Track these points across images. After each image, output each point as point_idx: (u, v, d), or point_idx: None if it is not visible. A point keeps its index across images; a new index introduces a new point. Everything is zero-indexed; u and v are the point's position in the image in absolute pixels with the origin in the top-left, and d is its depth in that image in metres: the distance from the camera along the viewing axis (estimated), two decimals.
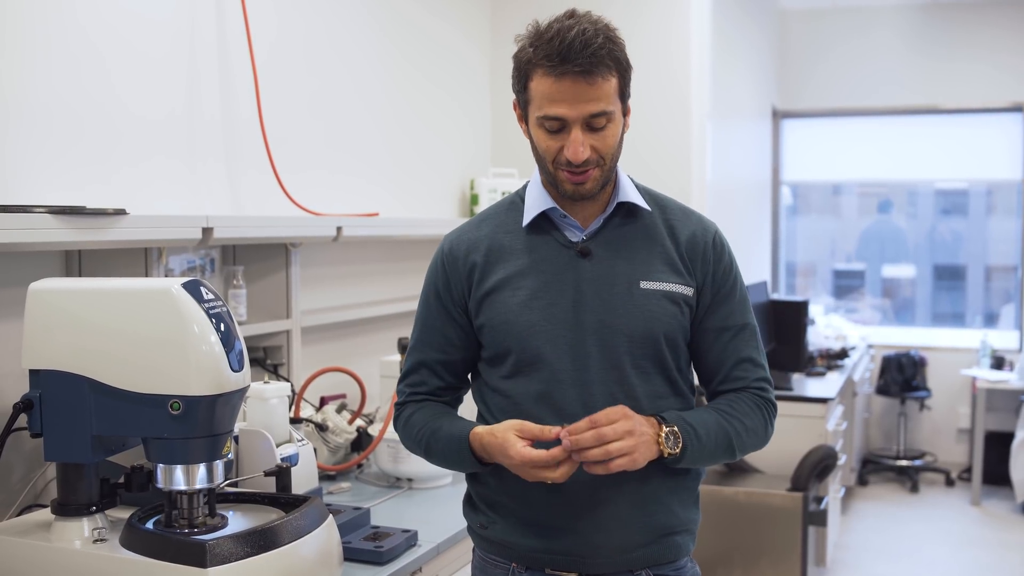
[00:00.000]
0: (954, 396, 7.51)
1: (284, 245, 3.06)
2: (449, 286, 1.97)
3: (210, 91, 2.94)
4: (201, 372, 1.83)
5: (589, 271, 1.89)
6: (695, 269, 1.93)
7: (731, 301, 1.96)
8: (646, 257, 1.91)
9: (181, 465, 1.89)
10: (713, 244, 1.96)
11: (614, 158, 1.87)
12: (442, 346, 1.98)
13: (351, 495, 2.78)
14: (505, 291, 1.90)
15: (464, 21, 4.47)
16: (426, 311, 2.01)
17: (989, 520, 6.33)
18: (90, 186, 2.53)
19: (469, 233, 2.00)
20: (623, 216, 1.94)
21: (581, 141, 1.80)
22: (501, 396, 1.93)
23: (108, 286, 1.93)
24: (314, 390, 3.13)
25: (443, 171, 4.32)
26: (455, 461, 1.92)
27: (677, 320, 1.90)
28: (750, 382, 1.95)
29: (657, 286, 1.89)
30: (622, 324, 1.87)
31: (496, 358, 1.93)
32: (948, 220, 8.18)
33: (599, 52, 1.77)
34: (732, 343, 1.95)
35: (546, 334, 1.87)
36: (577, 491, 1.86)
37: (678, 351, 1.92)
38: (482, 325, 1.93)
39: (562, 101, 1.79)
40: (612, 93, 1.81)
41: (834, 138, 8.11)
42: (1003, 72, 7.41)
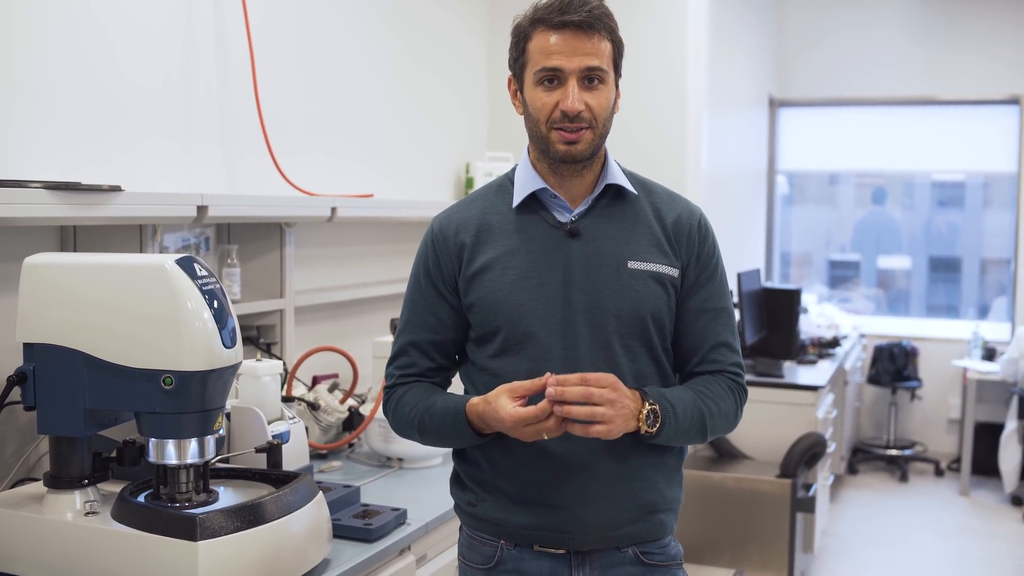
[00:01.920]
0: (945, 387, 7.54)
1: (279, 225, 3.07)
2: (439, 264, 1.98)
3: (207, 72, 2.95)
4: (194, 348, 1.85)
5: (578, 251, 1.92)
6: (680, 250, 1.96)
7: (712, 283, 1.99)
8: (633, 238, 1.94)
9: (173, 440, 1.91)
10: (699, 227, 1.99)
11: (606, 124, 1.90)
12: (432, 326, 1.99)
13: (342, 473, 2.80)
14: (495, 270, 1.92)
15: (461, 4, 4.48)
16: (415, 291, 2.02)
17: (977, 510, 6.36)
18: (87, 165, 2.54)
19: (459, 213, 2.01)
20: (611, 198, 1.97)
21: (577, 93, 1.84)
22: (489, 375, 1.94)
23: (103, 261, 1.94)
24: (307, 369, 3.15)
25: (439, 155, 4.33)
26: (450, 435, 1.92)
27: (663, 300, 1.93)
28: (726, 366, 1.97)
29: (644, 266, 1.92)
30: (610, 304, 1.90)
31: (484, 337, 1.94)
32: (945, 212, 8.20)
33: (596, 11, 1.85)
34: (710, 325, 1.97)
35: (536, 313, 1.89)
36: (565, 468, 1.88)
37: (664, 331, 1.95)
38: (472, 304, 1.94)
39: (560, 53, 1.84)
40: (606, 55, 1.87)
41: (831, 128, 8.12)
42: (1000, 64, 7.42)
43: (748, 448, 4.90)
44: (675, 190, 2.08)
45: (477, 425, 1.86)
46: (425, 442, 2.00)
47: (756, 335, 5.29)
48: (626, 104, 1.98)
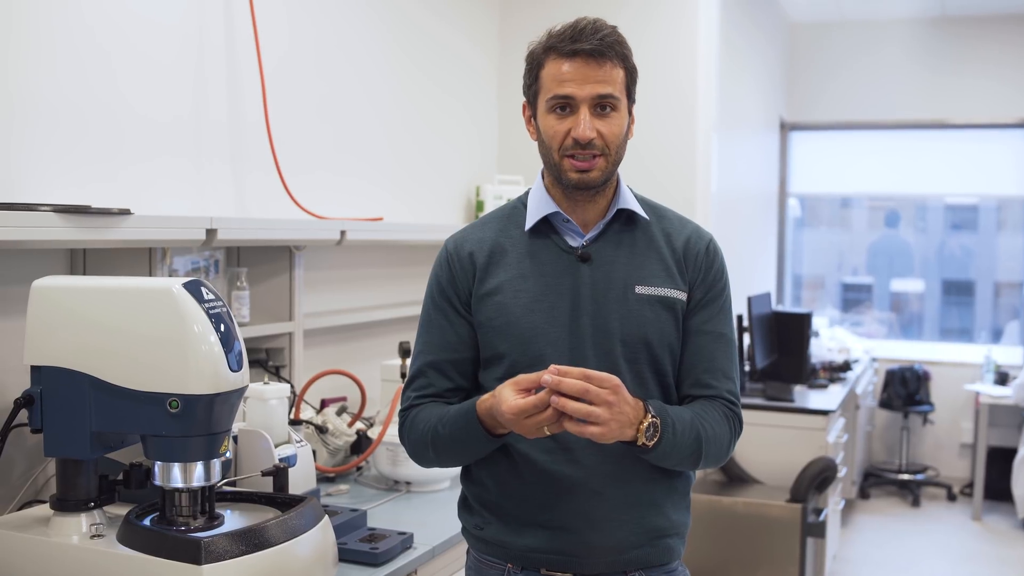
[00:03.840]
0: (957, 411, 7.50)
1: (288, 248, 3.08)
2: (455, 282, 1.98)
3: (217, 93, 2.97)
4: (200, 371, 1.85)
5: (588, 276, 1.92)
6: (689, 273, 1.96)
7: (714, 307, 1.97)
8: (643, 262, 1.95)
9: (179, 463, 1.91)
10: (707, 250, 1.99)
11: (618, 151, 1.91)
12: (450, 345, 1.97)
13: (349, 497, 2.79)
14: (506, 293, 1.92)
15: (472, 28, 4.50)
16: (431, 311, 2.00)
17: (990, 536, 6.32)
18: (95, 186, 2.55)
19: (473, 234, 2.02)
20: (622, 223, 1.98)
21: (588, 121, 1.85)
22: None
23: (110, 284, 1.95)
24: (315, 392, 3.15)
25: (449, 177, 4.34)
26: (463, 440, 1.87)
27: (670, 324, 1.92)
28: (721, 392, 1.95)
29: (651, 291, 1.92)
30: (616, 328, 1.90)
31: (491, 359, 1.94)
32: (958, 235, 8.18)
33: (608, 39, 1.85)
34: (708, 348, 1.95)
35: (547, 337, 1.89)
36: (571, 490, 1.88)
37: (671, 355, 1.94)
38: (481, 324, 1.94)
39: (571, 80, 1.85)
40: (619, 83, 1.88)
41: (843, 151, 8.12)
42: (1010, 88, 7.42)
43: (758, 472, 4.87)
44: (685, 213, 2.10)
45: (488, 423, 1.82)
46: (439, 459, 1.96)
47: (767, 359, 5.28)
48: (636, 127, 2.00)
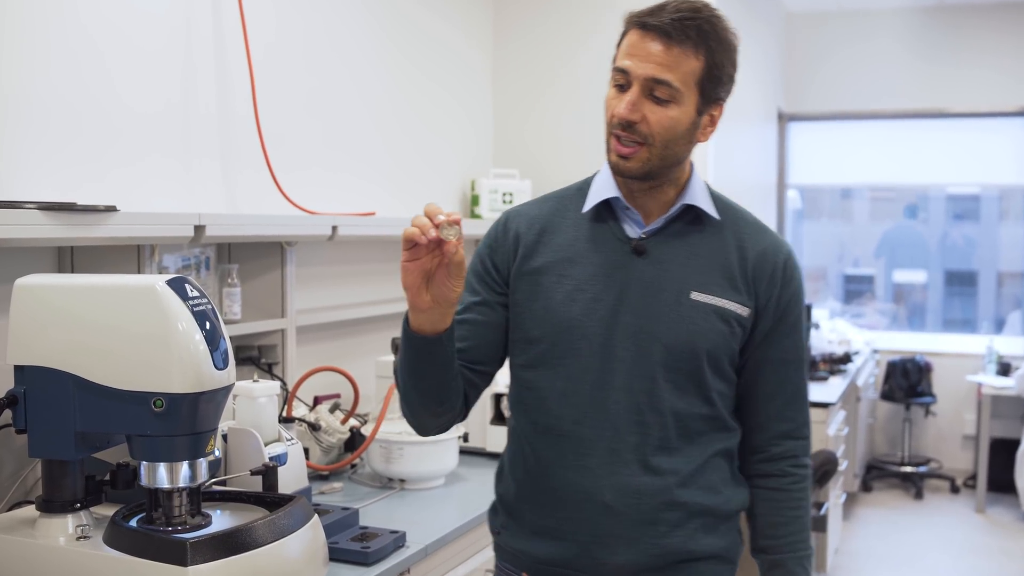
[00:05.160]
0: (960, 402, 7.48)
1: (279, 244, 3.05)
2: (496, 252, 1.90)
3: (206, 89, 2.94)
4: (185, 370, 1.82)
5: (640, 271, 1.81)
6: (757, 289, 1.82)
7: (795, 332, 1.86)
8: (704, 267, 1.81)
9: (164, 463, 1.88)
10: (784, 266, 1.85)
11: (668, 147, 1.75)
12: (479, 308, 1.89)
13: (342, 495, 2.77)
14: (551, 276, 1.83)
15: (466, 21, 4.47)
16: (471, 274, 1.93)
17: (993, 528, 6.29)
18: (85, 184, 2.52)
19: (528, 209, 1.94)
20: (689, 220, 1.84)
21: (634, 101, 1.72)
22: (521, 386, 1.88)
23: (93, 282, 1.92)
24: (308, 389, 3.12)
25: (444, 171, 4.32)
26: (406, 351, 1.77)
27: (724, 339, 1.79)
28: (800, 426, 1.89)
29: (709, 299, 1.79)
30: (661, 332, 1.78)
31: (520, 342, 1.86)
32: (960, 225, 8.15)
33: (687, 23, 1.70)
34: (791, 378, 1.87)
35: (582, 329, 1.79)
36: (581, 500, 1.80)
37: (721, 372, 1.82)
38: (517, 303, 1.86)
39: (633, 55, 1.73)
40: (687, 73, 1.71)
41: (842, 141, 8.08)
42: (1009, 77, 7.38)
43: None
44: None
45: (413, 322, 1.73)
46: (403, 395, 1.85)
47: None
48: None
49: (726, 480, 1.86)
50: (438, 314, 1.71)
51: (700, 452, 1.82)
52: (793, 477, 1.89)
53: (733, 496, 1.87)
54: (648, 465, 1.78)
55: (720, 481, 1.85)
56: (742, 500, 1.90)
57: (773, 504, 1.89)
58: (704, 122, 1.80)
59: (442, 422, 1.90)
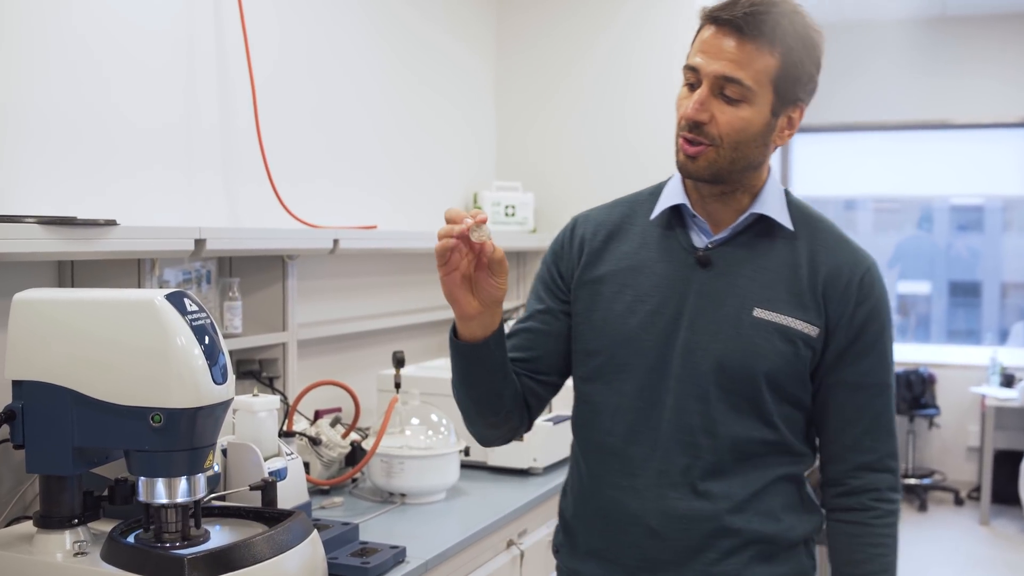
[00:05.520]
0: (963, 414, 7.45)
1: (281, 257, 3.04)
2: (561, 258, 1.86)
3: (208, 102, 2.94)
4: (183, 384, 1.81)
5: (702, 283, 1.72)
6: (827, 307, 1.70)
7: (873, 353, 1.72)
8: (771, 281, 1.70)
9: (162, 478, 1.87)
10: (860, 282, 1.71)
11: (738, 150, 1.65)
12: (542, 316, 1.85)
13: (343, 510, 2.76)
14: (612, 285, 1.77)
15: (469, 33, 4.47)
16: (538, 275, 1.90)
17: (997, 540, 6.27)
18: (86, 197, 2.52)
19: (598, 214, 1.88)
20: (760, 231, 1.74)
21: (703, 100, 1.63)
22: (580, 400, 1.83)
23: (91, 297, 1.91)
24: (309, 403, 3.11)
25: (446, 184, 4.31)
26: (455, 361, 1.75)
27: (787, 361, 1.68)
28: (883, 457, 1.75)
29: (772, 317, 1.68)
30: (717, 350, 1.68)
31: (580, 355, 1.81)
32: (964, 236, 8.14)
33: (762, 17, 1.60)
34: (871, 404, 1.73)
35: (638, 344, 1.72)
36: (630, 524, 1.73)
37: (783, 395, 1.70)
38: (577, 313, 1.80)
39: (704, 52, 1.64)
40: (760, 71, 1.61)
41: (846, 153, 8.08)
42: (1012, 88, 7.38)
43: None
44: None
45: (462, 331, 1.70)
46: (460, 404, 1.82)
47: None
48: (632, 128, 1.89)
49: (790, 506, 1.75)
50: (488, 316, 1.67)
51: (759, 477, 1.71)
52: (875, 511, 1.74)
53: (796, 524, 1.75)
54: (698, 489, 1.70)
55: (781, 507, 1.74)
56: (808, 528, 1.78)
57: (850, 539, 1.75)
58: (781, 124, 1.69)
59: (503, 433, 1.86)
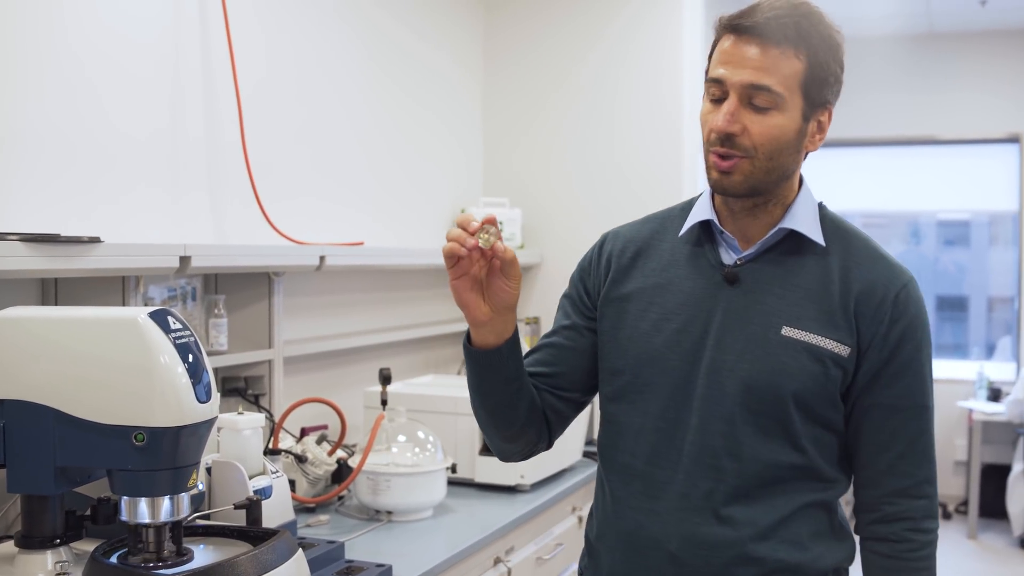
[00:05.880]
0: (951, 428, 7.45)
1: (267, 274, 3.03)
2: (588, 275, 1.83)
3: (193, 119, 2.93)
4: (167, 403, 1.80)
5: (729, 301, 1.67)
6: (860, 325, 1.63)
7: (911, 375, 1.66)
8: (801, 299, 1.64)
9: (145, 498, 1.86)
10: (895, 299, 1.64)
11: (773, 159, 1.61)
12: (567, 332, 1.81)
13: (329, 528, 2.74)
14: (639, 303, 1.73)
15: (456, 48, 4.47)
16: (567, 291, 1.87)
17: (985, 554, 6.27)
18: (70, 215, 2.51)
19: (627, 231, 1.85)
20: (790, 247, 1.69)
21: (733, 111, 1.58)
22: (606, 420, 1.80)
23: (74, 315, 1.90)
24: (295, 421, 3.10)
25: (434, 200, 4.31)
26: (471, 370, 1.72)
27: (816, 381, 1.62)
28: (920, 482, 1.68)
29: (801, 336, 1.62)
30: (744, 370, 1.63)
31: (605, 373, 1.77)
32: (951, 251, 8.17)
33: (783, 21, 1.57)
34: (908, 427, 1.67)
35: (663, 363, 1.68)
36: (649, 549, 1.69)
37: (812, 417, 1.64)
38: (603, 331, 1.77)
39: (727, 63, 1.59)
40: (788, 76, 1.58)
41: (833, 169, 8.08)
42: (999, 103, 7.41)
43: None
44: None
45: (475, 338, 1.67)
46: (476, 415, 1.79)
47: None
48: (620, 143, 1.86)
49: (819, 534, 1.68)
50: (501, 322, 1.65)
51: (787, 503, 1.65)
52: (911, 544, 1.68)
53: (826, 552, 1.69)
54: (720, 514, 1.64)
55: (809, 535, 1.67)
56: (840, 557, 1.71)
57: (884, 572, 1.70)
58: (812, 129, 1.66)
59: (520, 448, 1.81)
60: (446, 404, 3.17)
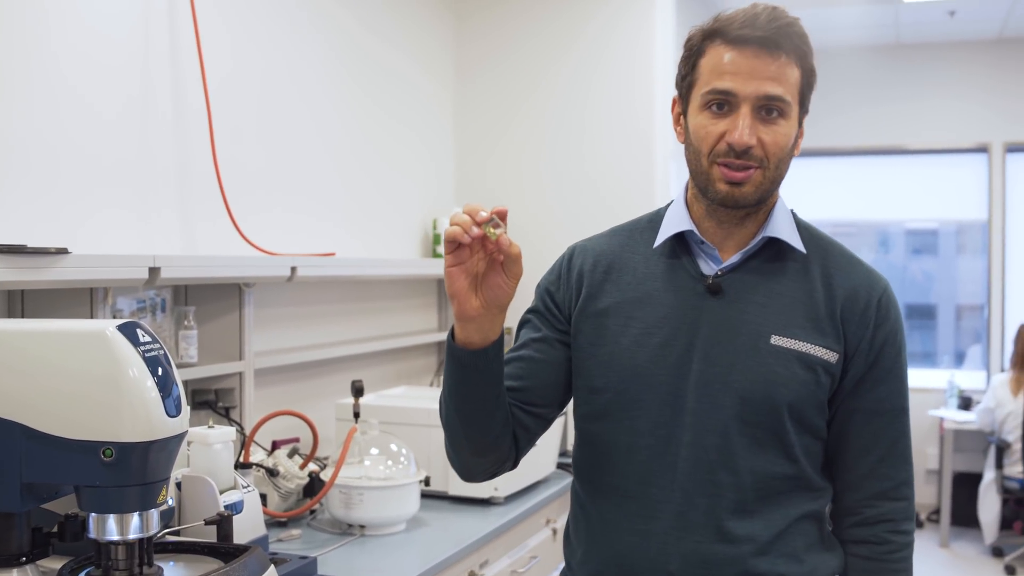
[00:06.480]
0: (922, 437, 7.49)
1: (237, 285, 3.00)
2: (558, 289, 1.77)
3: (162, 129, 2.89)
4: (135, 418, 1.76)
5: (714, 313, 1.64)
6: (846, 331, 1.64)
7: (891, 377, 1.68)
8: (786, 307, 1.64)
9: (114, 514, 1.82)
10: (878, 304, 1.66)
11: (780, 166, 1.61)
12: (536, 344, 1.75)
13: (301, 543, 2.71)
14: (617, 318, 1.69)
15: (427, 57, 4.45)
16: (530, 311, 1.81)
17: (958, 562, 6.30)
18: (37, 225, 2.47)
19: (595, 244, 1.80)
20: (771, 255, 1.68)
21: (750, 124, 1.56)
22: (582, 440, 1.75)
23: (41, 327, 1.86)
24: (267, 434, 3.06)
25: (405, 211, 4.28)
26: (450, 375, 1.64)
27: (808, 389, 1.61)
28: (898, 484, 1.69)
29: (790, 344, 1.61)
30: (737, 382, 1.61)
31: (583, 391, 1.72)
32: (919, 259, 8.22)
33: (788, 29, 1.57)
34: (887, 431, 1.68)
35: (649, 378, 1.64)
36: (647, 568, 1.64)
37: (806, 426, 1.64)
38: (580, 348, 1.72)
39: (736, 73, 1.56)
40: (793, 84, 1.59)
41: (803, 178, 8.11)
42: (968, 114, 7.48)
43: None
44: None
45: (459, 334, 1.59)
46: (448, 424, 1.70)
47: None
48: (590, 153, 1.83)
49: (811, 546, 1.68)
50: (489, 320, 1.57)
51: (783, 516, 1.64)
52: (890, 545, 1.68)
53: (819, 565, 1.68)
54: (722, 531, 1.61)
55: (804, 548, 1.66)
56: (830, 568, 1.70)
57: (864, 574, 1.70)
58: (800, 134, 1.67)
59: (488, 463, 1.74)
60: (419, 416, 3.15)
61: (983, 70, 7.44)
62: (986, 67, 7.43)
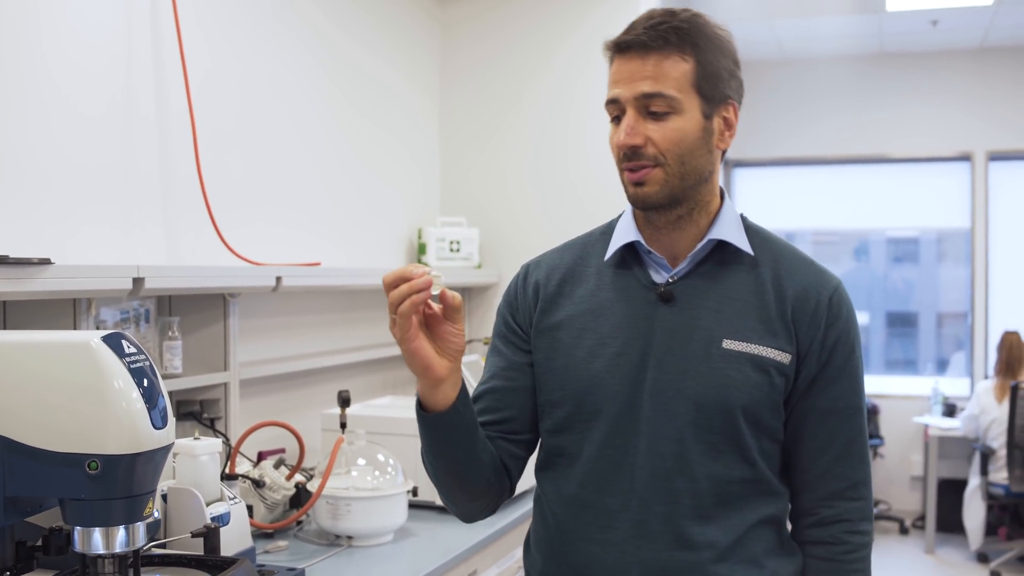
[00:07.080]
0: (907, 444, 7.52)
1: (222, 296, 2.98)
2: (516, 311, 1.78)
3: (146, 139, 2.87)
4: (121, 430, 1.74)
5: (667, 320, 1.64)
6: (798, 332, 1.64)
7: (844, 376, 1.66)
8: (738, 311, 1.64)
9: (100, 527, 1.80)
10: (829, 303, 1.66)
11: (685, 163, 1.60)
12: (506, 372, 1.75)
13: (288, 554, 2.69)
14: (571, 330, 1.69)
15: (412, 67, 4.44)
16: (495, 332, 1.81)
17: (943, 568, 6.31)
18: (20, 237, 2.44)
19: (549, 259, 1.81)
20: (720, 259, 1.68)
21: (632, 124, 1.59)
22: (547, 453, 1.73)
23: (24, 339, 1.84)
24: (253, 445, 3.04)
25: (390, 220, 4.27)
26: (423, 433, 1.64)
27: (763, 392, 1.61)
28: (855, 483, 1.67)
29: (742, 347, 1.61)
30: (690, 388, 1.60)
31: (545, 406, 1.72)
32: (900, 268, 8.25)
33: (662, 28, 1.58)
34: (842, 430, 1.67)
35: (605, 388, 1.64)
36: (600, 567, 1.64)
37: (762, 429, 1.63)
38: (538, 363, 1.72)
39: (618, 81, 1.61)
40: (678, 78, 1.58)
41: (785, 186, 8.16)
42: (950, 122, 7.53)
43: None
44: None
45: (429, 402, 1.60)
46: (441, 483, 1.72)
47: None
48: (575, 162, 1.84)
49: (770, 551, 1.67)
50: (456, 373, 1.59)
51: (741, 521, 1.63)
52: (847, 546, 1.67)
53: (779, 568, 1.67)
54: (681, 538, 1.61)
55: (763, 552, 1.66)
56: (790, 572, 1.69)
57: (821, 574, 1.69)
58: (718, 127, 1.64)
59: (486, 503, 1.76)
60: (406, 426, 3.13)
61: (966, 79, 7.49)
62: (969, 76, 7.48)
